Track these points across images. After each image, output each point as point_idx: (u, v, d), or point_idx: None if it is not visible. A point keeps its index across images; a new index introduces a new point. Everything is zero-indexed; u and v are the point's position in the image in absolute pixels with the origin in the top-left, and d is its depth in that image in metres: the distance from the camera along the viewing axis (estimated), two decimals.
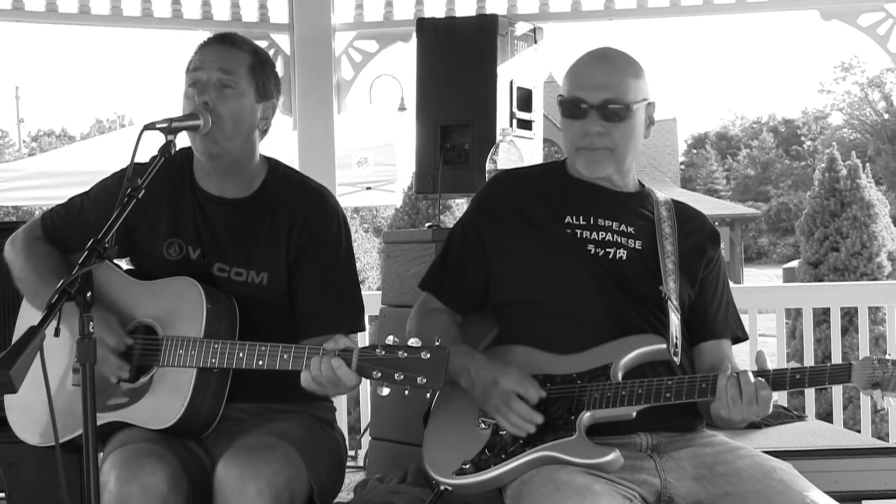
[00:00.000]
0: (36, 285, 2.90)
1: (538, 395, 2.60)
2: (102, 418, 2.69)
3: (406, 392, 2.45)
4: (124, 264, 3.05)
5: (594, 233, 2.78)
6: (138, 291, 2.88)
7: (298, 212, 2.91)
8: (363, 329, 2.99)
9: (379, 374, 2.43)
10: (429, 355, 2.41)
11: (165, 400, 2.73)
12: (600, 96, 2.73)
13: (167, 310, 2.79)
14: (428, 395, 2.53)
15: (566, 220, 2.80)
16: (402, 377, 2.41)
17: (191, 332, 2.73)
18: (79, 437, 2.30)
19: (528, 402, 2.59)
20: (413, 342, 2.43)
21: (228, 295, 2.84)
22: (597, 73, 2.77)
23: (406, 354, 2.42)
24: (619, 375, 2.63)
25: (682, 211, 2.92)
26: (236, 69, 2.84)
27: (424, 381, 2.40)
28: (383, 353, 2.44)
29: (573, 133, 2.77)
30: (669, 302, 2.72)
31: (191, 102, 2.81)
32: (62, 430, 2.62)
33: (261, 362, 2.62)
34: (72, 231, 2.97)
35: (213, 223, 2.91)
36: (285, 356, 2.59)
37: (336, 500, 2.97)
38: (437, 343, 2.42)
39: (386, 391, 2.46)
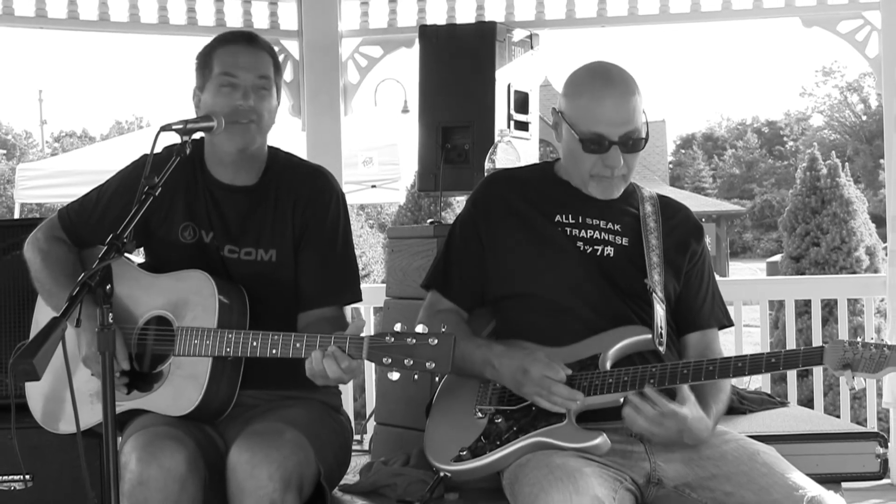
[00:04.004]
0: (52, 287, 2.90)
1: (565, 374, 2.60)
2: (121, 406, 2.69)
3: (416, 377, 2.45)
4: (138, 258, 3.05)
5: (583, 231, 2.78)
6: (152, 284, 2.88)
7: (301, 191, 2.94)
8: (360, 300, 3.00)
9: (389, 360, 2.43)
10: (436, 341, 2.40)
11: (183, 388, 2.73)
12: (621, 131, 2.70)
13: (181, 302, 2.79)
14: (437, 378, 2.52)
15: (556, 220, 2.80)
16: (411, 363, 2.41)
17: (205, 323, 2.73)
18: (98, 425, 2.30)
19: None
20: (420, 329, 2.43)
21: (239, 287, 2.84)
22: (614, 108, 2.70)
23: (414, 341, 2.41)
24: (608, 365, 2.64)
25: (666, 205, 2.92)
26: (267, 72, 2.88)
27: (433, 365, 2.40)
28: (392, 340, 2.43)
29: (590, 163, 2.74)
30: (654, 294, 2.72)
31: (226, 101, 2.82)
32: (83, 420, 2.61)
33: (274, 351, 2.61)
34: (88, 226, 2.98)
35: (223, 209, 2.93)
36: (297, 345, 2.58)
37: (342, 481, 2.98)
38: (443, 329, 2.42)
39: (396, 376, 2.46)
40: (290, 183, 2.95)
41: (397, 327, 2.45)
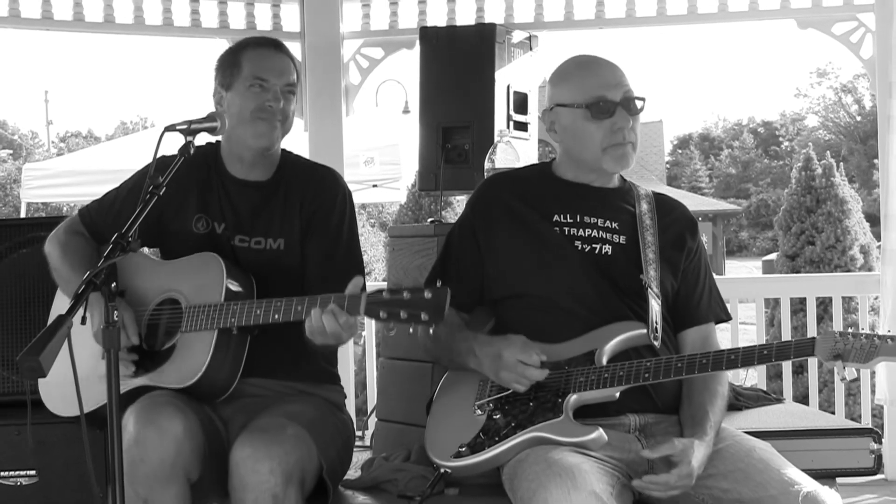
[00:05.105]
0: (69, 275, 2.93)
1: (539, 358, 2.60)
2: (129, 385, 2.74)
3: (411, 330, 2.47)
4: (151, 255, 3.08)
5: (581, 230, 2.78)
6: (165, 270, 2.94)
7: (309, 186, 3.01)
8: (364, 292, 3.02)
9: (385, 314, 2.45)
10: (430, 294, 2.42)
11: (188, 360, 2.76)
12: (620, 92, 2.74)
13: (191, 283, 2.85)
14: (431, 330, 2.53)
15: (554, 219, 2.79)
16: (406, 315, 2.43)
17: (212, 301, 2.77)
18: (103, 407, 2.30)
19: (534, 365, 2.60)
20: (415, 285, 2.45)
21: (247, 273, 2.89)
22: (607, 72, 2.76)
23: (410, 295, 2.43)
24: (604, 360, 2.63)
25: (661, 203, 2.92)
26: (294, 79, 2.98)
27: (427, 317, 2.41)
28: (389, 295, 2.46)
29: (601, 133, 2.74)
30: (650, 289, 2.72)
31: (256, 100, 2.90)
32: (93, 399, 2.66)
33: (276, 316, 2.65)
34: (106, 223, 3.01)
35: (235, 202, 2.99)
36: (299, 308, 2.62)
37: (344, 477, 2.98)
38: (438, 284, 2.44)
39: (394, 332, 2.48)
40: (300, 180, 3.03)
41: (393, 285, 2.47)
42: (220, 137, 2.95)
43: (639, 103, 2.76)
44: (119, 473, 2.25)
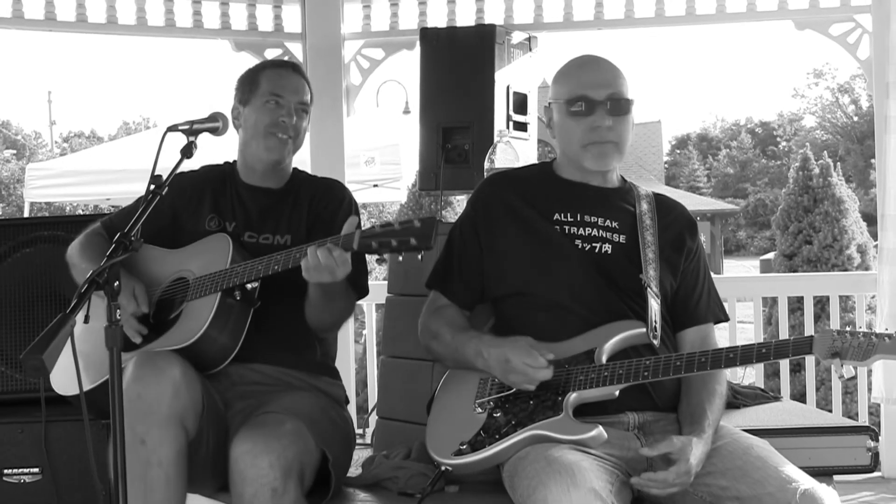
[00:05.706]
0: (87, 265, 3.00)
1: (546, 360, 2.60)
2: (133, 355, 2.76)
3: (400, 258, 2.52)
4: None
5: (581, 229, 2.78)
6: (176, 255, 3.05)
7: (317, 191, 3.16)
8: (367, 292, 3.10)
9: (376, 245, 2.52)
10: (419, 223, 2.48)
11: (190, 322, 2.83)
12: (605, 92, 2.74)
13: (200, 261, 2.96)
14: (420, 256, 2.56)
15: (554, 218, 2.79)
16: (396, 243, 2.49)
17: (217, 270, 2.87)
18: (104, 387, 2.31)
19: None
20: (407, 217, 2.51)
21: (254, 256, 2.93)
22: (597, 72, 2.78)
23: (400, 225, 2.50)
24: (604, 358, 2.63)
25: (661, 203, 2.92)
26: (307, 99, 3.15)
27: (416, 242, 2.48)
28: (380, 228, 2.53)
29: (581, 130, 2.75)
30: (649, 289, 2.72)
31: (271, 115, 3.06)
32: (96, 374, 2.73)
33: (276, 267, 2.75)
34: (126, 226, 3.03)
35: (247, 204, 3.13)
36: (297, 255, 2.70)
37: (346, 475, 2.98)
38: (427, 215, 2.46)
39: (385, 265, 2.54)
40: (308, 185, 3.19)
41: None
42: (236, 154, 3.08)
43: (623, 105, 2.76)
44: (122, 472, 2.25)
